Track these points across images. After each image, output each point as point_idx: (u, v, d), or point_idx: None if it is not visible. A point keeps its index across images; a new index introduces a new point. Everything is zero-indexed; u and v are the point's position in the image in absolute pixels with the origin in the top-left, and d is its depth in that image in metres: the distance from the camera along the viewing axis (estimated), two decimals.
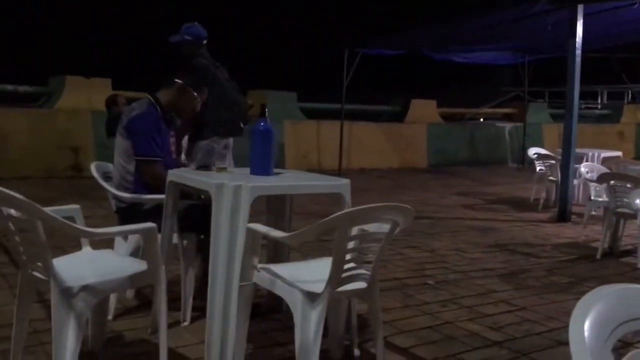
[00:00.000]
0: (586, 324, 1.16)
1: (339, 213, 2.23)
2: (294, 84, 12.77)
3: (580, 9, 6.99)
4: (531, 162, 8.54)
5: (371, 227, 2.46)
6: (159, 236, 2.89)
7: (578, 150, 7.62)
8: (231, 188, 2.55)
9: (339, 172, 11.27)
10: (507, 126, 14.06)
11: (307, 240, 2.54)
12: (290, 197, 3.28)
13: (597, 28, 8.80)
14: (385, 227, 2.37)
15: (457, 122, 14.42)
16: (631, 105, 17.33)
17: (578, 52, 7.08)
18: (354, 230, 2.51)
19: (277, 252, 3.26)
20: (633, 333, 1.31)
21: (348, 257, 2.33)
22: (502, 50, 12.08)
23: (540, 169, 8.17)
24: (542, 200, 7.96)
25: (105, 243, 2.96)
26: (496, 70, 20.88)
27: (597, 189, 5.94)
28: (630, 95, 23.59)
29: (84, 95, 9.60)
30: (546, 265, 4.94)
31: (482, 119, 16.07)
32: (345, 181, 2.85)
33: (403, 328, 3.28)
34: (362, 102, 13.30)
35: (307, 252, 4.44)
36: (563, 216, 7.08)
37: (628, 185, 5.18)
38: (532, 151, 8.64)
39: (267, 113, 2.94)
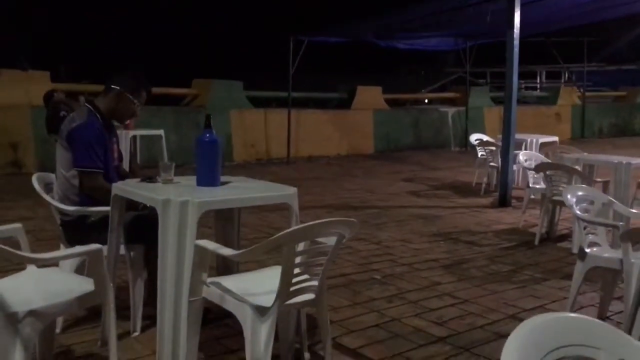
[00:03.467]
0: (517, 355, 1.25)
1: (286, 231, 2.29)
2: (239, 72, 12.66)
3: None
4: (473, 146, 8.80)
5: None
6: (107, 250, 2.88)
7: (517, 136, 7.88)
8: (178, 204, 2.56)
9: (287, 160, 11.34)
10: (450, 110, 14.37)
11: (255, 258, 2.57)
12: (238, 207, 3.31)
13: (535, 15, 9.10)
14: (331, 240, 2.45)
15: (401, 108, 14.64)
16: (567, 88, 17.98)
17: (516, 42, 7.30)
18: (302, 245, 2.57)
19: (226, 263, 3.29)
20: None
21: (296, 270, 2.39)
22: (445, 37, 12.31)
23: (481, 155, 8.43)
24: (483, 185, 8.23)
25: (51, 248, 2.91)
26: (440, 53, 21.24)
27: (535, 176, 6.20)
28: (567, 75, 24.58)
29: (21, 89, 9.25)
30: (488, 254, 5.15)
31: (426, 101, 16.37)
32: (292, 190, 2.89)
33: (351, 327, 3.38)
34: (309, 89, 13.32)
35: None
36: (504, 201, 7.35)
37: (563, 174, 5.43)
38: (474, 137, 8.88)
39: (212, 124, 2.95)
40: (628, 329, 2.84)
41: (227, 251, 2.49)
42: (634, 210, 3.67)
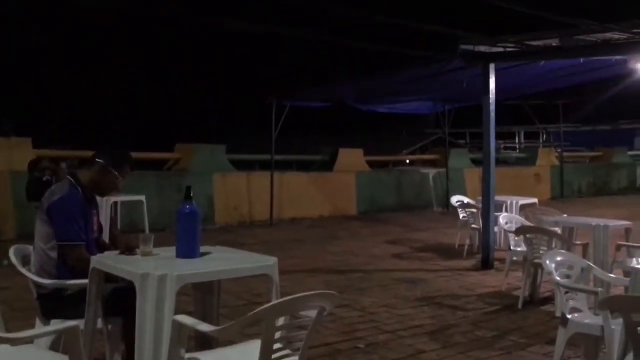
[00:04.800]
0: None
1: (265, 306, 2.27)
2: (222, 136, 12.80)
3: (492, 67, 7.45)
4: (455, 207, 8.87)
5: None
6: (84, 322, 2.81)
7: (497, 197, 7.99)
8: (156, 278, 2.54)
9: (270, 223, 11.32)
10: (431, 172, 14.56)
11: (235, 333, 2.53)
12: None
13: (510, 80, 9.41)
14: (312, 313, 2.43)
15: (383, 169, 14.81)
16: (545, 149, 18.37)
17: (492, 107, 7.52)
18: (282, 320, 2.54)
19: (205, 335, 3.23)
20: None
21: (276, 345, 2.36)
22: (423, 101, 12.62)
23: (463, 217, 8.49)
24: (466, 247, 8.25)
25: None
26: (422, 116, 21.69)
27: (516, 239, 6.25)
28: (544, 135, 25.21)
29: (2, 155, 9.22)
30: (472, 319, 5.11)
31: (407, 161, 16.60)
32: (272, 261, 2.89)
33: None
34: (292, 152, 13.45)
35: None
36: (486, 263, 7.36)
37: (544, 237, 5.48)
38: (455, 199, 8.98)
39: (192, 195, 2.97)
40: None
41: (205, 327, 2.46)
42: (612, 275, 3.70)
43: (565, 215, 6.73)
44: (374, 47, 7.57)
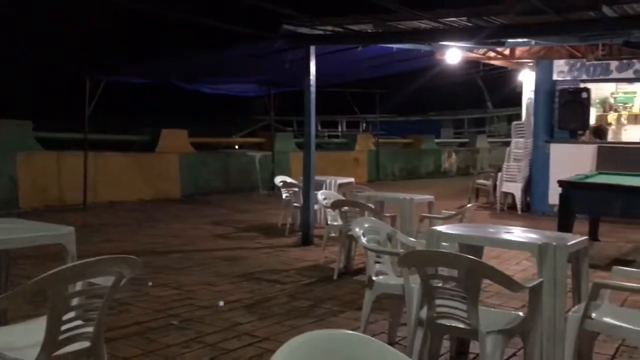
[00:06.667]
0: None
1: (51, 271, 2.04)
2: (30, 112, 11.58)
3: (312, 49, 7.62)
4: (280, 188, 8.99)
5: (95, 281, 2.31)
6: None
7: (317, 177, 8.25)
8: None
9: (84, 207, 10.53)
10: (257, 155, 14.65)
11: (17, 303, 2.26)
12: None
13: (330, 66, 9.75)
14: (109, 281, 2.24)
15: (209, 152, 14.57)
16: (364, 135, 19.47)
17: (313, 89, 7.70)
18: (77, 286, 2.32)
19: None
20: None
21: (67, 316, 2.14)
22: (249, 83, 12.60)
23: (286, 196, 8.64)
24: (288, 225, 8.40)
25: None
26: (250, 101, 21.72)
27: (333, 214, 6.49)
28: (364, 124, 26.79)
29: None
30: (289, 291, 5.20)
31: (236, 147, 16.51)
32: (67, 230, 2.63)
33: None
34: (109, 131, 12.63)
35: None
36: (306, 240, 7.57)
37: (357, 210, 5.75)
38: (278, 179, 9.10)
39: None
40: (410, 351, 3.01)
41: None
42: (413, 240, 3.98)
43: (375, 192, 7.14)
44: (195, 20, 7.32)
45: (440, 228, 3.32)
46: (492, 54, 10.69)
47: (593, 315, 2.87)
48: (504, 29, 6.54)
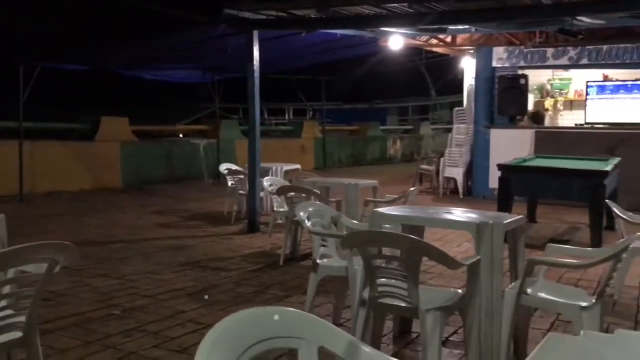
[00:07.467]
0: (210, 356, 1.19)
1: None
2: None
3: (255, 34, 7.53)
4: (225, 176, 8.89)
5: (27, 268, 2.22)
6: None
7: (263, 164, 8.20)
8: None
9: (20, 197, 10.13)
10: (202, 142, 14.42)
11: None
12: None
13: (276, 52, 9.68)
14: (42, 268, 2.16)
15: (152, 140, 14.24)
16: (310, 122, 19.47)
17: (256, 74, 7.62)
18: (9, 273, 2.23)
19: None
20: (267, 352, 1.39)
21: None
22: (192, 69, 12.37)
23: (231, 184, 8.55)
24: (234, 213, 8.32)
25: None
26: (195, 88, 21.33)
27: (279, 200, 6.47)
28: (310, 112, 26.79)
29: None
30: (234, 278, 5.16)
31: (181, 135, 16.21)
32: None
33: None
34: (46, 119, 12.16)
35: None
36: (252, 227, 7.52)
37: (303, 196, 5.75)
38: (223, 167, 8.99)
39: None
40: (353, 331, 3.04)
41: None
42: (356, 222, 4.01)
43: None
44: (132, 3, 7.11)
45: (382, 209, 3.36)
46: (434, 41, 10.86)
47: (529, 290, 2.97)
48: (445, 15, 6.64)
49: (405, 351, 3.49)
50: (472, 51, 11.38)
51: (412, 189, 5.80)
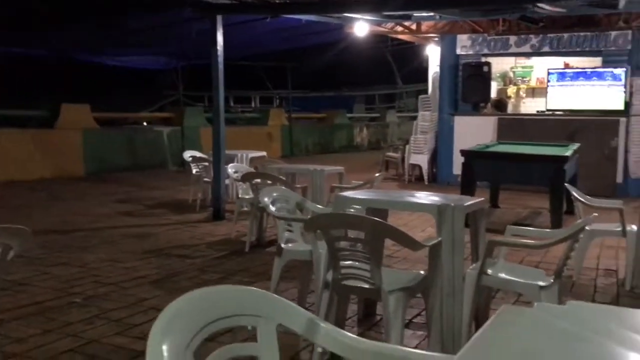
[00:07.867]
0: (164, 337, 1.17)
1: None
2: None
3: (219, 19, 7.43)
4: (190, 164, 8.78)
5: None
6: None
7: (228, 151, 8.12)
8: None
9: None
10: (165, 130, 14.22)
11: None
12: None
13: (241, 38, 9.58)
14: None
15: (114, 127, 13.97)
16: (277, 110, 19.37)
17: (220, 59, 7.53)
18: None
19: None
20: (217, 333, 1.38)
21: None
22: (156, 55, 12.16)
23: (196, 171, 8.46)
24: (199, 201, 8.24)
25: None
26: (158, 75, 20.97)
27: (244, 187, 6.42)
28: (277, 100, 26.66)
29: None
30: (199, 265, 5.12)
31: (145, 123, 15.94)
32: None
33: (40, 357, 2.99)
34: (2, 107, 11.80)
35: None
36: (218, 215, 7.47)
37: (268, 182, 5.71)
38: (188, 154, 8.87)
39: None
40: (317, 314, 3.05)
41: None
42: (320, 207, 4.02)
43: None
44: None
45: (347, 193, 3.37)
46: (399, 28, 10.89)
47: (489, 271, 3.03)
48: (409, 1, 6.66)
49: (369, 333, 3.52)
50: (437, 39, 11.46)
51: (377, 174, 5.83)
